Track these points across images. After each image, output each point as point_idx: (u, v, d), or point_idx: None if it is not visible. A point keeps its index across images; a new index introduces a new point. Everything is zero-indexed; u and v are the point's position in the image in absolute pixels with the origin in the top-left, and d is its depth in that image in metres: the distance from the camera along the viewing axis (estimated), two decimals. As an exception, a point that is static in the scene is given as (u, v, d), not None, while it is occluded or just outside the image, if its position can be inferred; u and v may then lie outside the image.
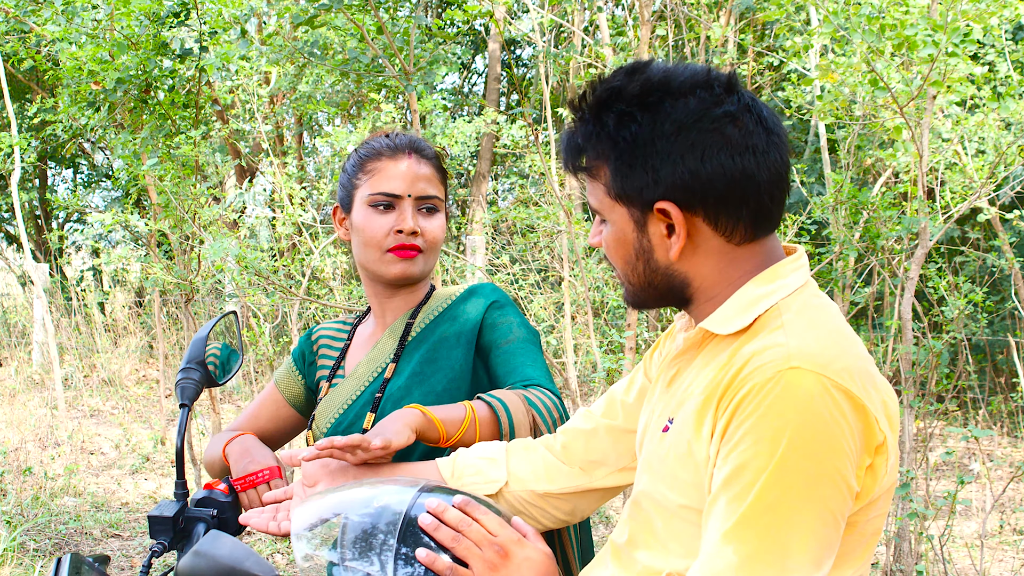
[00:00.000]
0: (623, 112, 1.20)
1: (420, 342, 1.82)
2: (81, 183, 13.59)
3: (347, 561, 1.29)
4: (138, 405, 7.98)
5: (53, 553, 4.69)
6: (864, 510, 1.15)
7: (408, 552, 1.28)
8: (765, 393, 1.09)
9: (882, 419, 1.12)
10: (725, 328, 1.21)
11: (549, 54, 4.85)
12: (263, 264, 5.00)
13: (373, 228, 1.75)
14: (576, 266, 5.57)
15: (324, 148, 8.78)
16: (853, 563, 1.17)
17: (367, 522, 1.32)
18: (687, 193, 1.18)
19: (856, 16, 3.38)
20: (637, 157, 1.19)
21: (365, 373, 1.82)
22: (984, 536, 3.81)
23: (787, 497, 1.06)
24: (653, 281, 1.25)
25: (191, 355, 1.48)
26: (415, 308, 1.86)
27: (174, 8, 5.86)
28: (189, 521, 1.45)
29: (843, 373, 1.10)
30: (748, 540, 1.07)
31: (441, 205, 1.81)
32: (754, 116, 1.20)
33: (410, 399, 1.73)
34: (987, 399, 6.83)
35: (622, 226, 1.24)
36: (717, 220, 1.20)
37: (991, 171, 4.26)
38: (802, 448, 1.07)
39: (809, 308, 1.20)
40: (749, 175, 1.18)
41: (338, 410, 1.80)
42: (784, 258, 1.26)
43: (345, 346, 1.92)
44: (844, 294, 4.95)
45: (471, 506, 1.32)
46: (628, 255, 1.25)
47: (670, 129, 1.17)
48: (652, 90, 1.20)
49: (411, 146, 1.79)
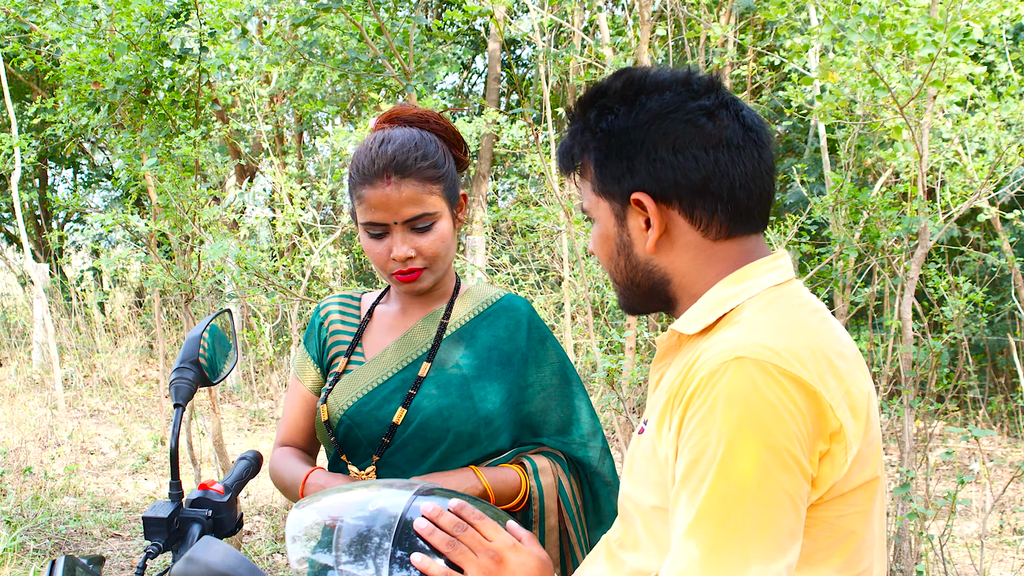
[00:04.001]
0: (604, 106, 1.24)
1: (458, 343, 1.81)
2: (81, 183, 13.60)
3: (342, 564, 1.29)
4: (138, 405, 7.98)
5: (53, 553, 4.69)
6: (831, 504, 1.14)
7: (403, 556, 1.28)
8: (711, 385, 1.10)
9: (840, 407, 1.11)
10: (691, 328, 1.22)
11: (549, 54, 4.85)
12: (263, 264, 4.99)
13: (373, 253, 1.74)
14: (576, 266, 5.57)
15: (324, 148, 8.78)
16: (828, 563, 1.15)
17: (362, 525, 1.31)
18: (661, 184, 1.20)
19: (856, 16, 3.37)
20: (613, 147, 1.22)
21: (393, 360, 1.80)
22: (984, 536, 3.80)
23: (740, 485, 1.07)
24: (635, 278, 1.27)
25: (185, 354, 1.47)
26: (448, 304, 1.85)
27: (174, 8, 5.86)
28: (184, 522, 1.44)
29: (791, 361, 1.10)
30: (708, 533, 1.07)
31: (437, 216, 1.73)
32: (731, 112, 1.22)
33: (455, 419, 1.73)
34: (987, 399, 6.83)
35: (605, 221, 1.27)
36: (692, 213, 1.21)
37: (991, 171, 4.26)
38: (750, 434, 1.07)
39: (774, 305, 1.20)
40: (723, 169, 1.20)
41: (361, 391, 1.79)
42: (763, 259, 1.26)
43: (364, 322, 1.88)
44: (844, 294, 4.94)
45: (466, 510, 1.32)
46: (611, 250, 1.28)
47: (644, 119, 1.20)
48: (631, 85, 1.23)
49: (391, 166, 1.69)
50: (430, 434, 1.74)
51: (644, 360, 5.67)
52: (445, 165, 1.76)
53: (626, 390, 4.35)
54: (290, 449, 1.88)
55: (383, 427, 1.76)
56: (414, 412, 1.74)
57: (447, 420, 1.73)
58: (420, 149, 1.73)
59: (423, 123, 1.81)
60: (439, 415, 1.74)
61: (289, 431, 1.91)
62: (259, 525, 5.18)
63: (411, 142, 1.73)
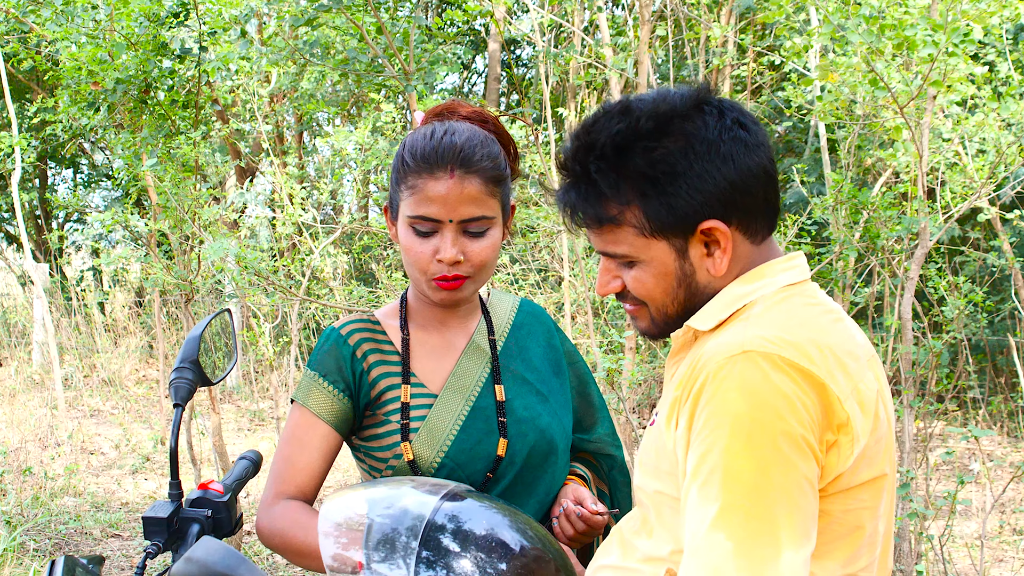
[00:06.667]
0: (647, 147, 1.20)
1: (512, 358, 1.72)
2: (81, 183, 13.59)
3: (373, 563, 1.30)
4: (138, 405, 7.97)
5: (53, 553, 4.69)
6: (837, 497, 1.15)
7: (430, 556, 1.29)
8: (719, 380, 1.11)
9: (848, 400, 1.13)
10: (706, 324, 1.24)
11: (549, 54, 4.85)
12: (263, 264, 4.99)
13: (415, 252, 1.56)
14: (576, 266, 5.56)
15: (324, 148, 8.78)
16: (833, 556, 1.16)
17: (390, 524, 1.33)
18: (727, 205, 1.20)
19: (856, 16, 3.37)
20: (678, 183, 1.19)
21: (464, 388, 1.64)
22: (984, 536, 3.80)
23: (762, 475, 1.07)
24: (691, 305, 1.27)
25: (185, 354, 1.47)
26: (485, 318, 1.74)
27: (174, 8, 5.85)
28: (183, 522, 1.43)
29: (798, 354, 1.12)
30: (737, 523, 1.07)
31: (492, 222, 1.57)
32: (735, 115, 1.24)
33: (556, 436, 1.68)
34: (987, 399, 6.82)
35: (662, 259, 1.24)
36: (748, 223, 1.23)
37: (991, 171, 4.26)
38: (763, 424, 1.08)
39: (785, 303, 1.21)
40: (764, 169, 1.23)
41: (452, 427, 1.61)
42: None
43: (405, 343, 1.67)
44: (844, 294, 4.94)
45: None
46: (669, 287, 1.25)
47: (701, 148, 1.19)
48: (661, 117, 1.21)
49: (456, 159, 1.52)
50: (533, 460, 1.63)
51: (644, 360, 5.67)
52: (506, 169, 1.60)
53: (626, 390, 4.35)
54: (301, 504, 1.58)
55: (488, 463, 1.61)
56: (517, 440, 1.62)
57: (550, 441, 1.66)
58: (486, 147, 1.57)
59: (482, 122, 1.64)
60: (542, 437, 1.65)
61: (303, 479, 1.60)
62: (259, 525, 5.17)
63: (477, 138, 1.56)
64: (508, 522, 1.40)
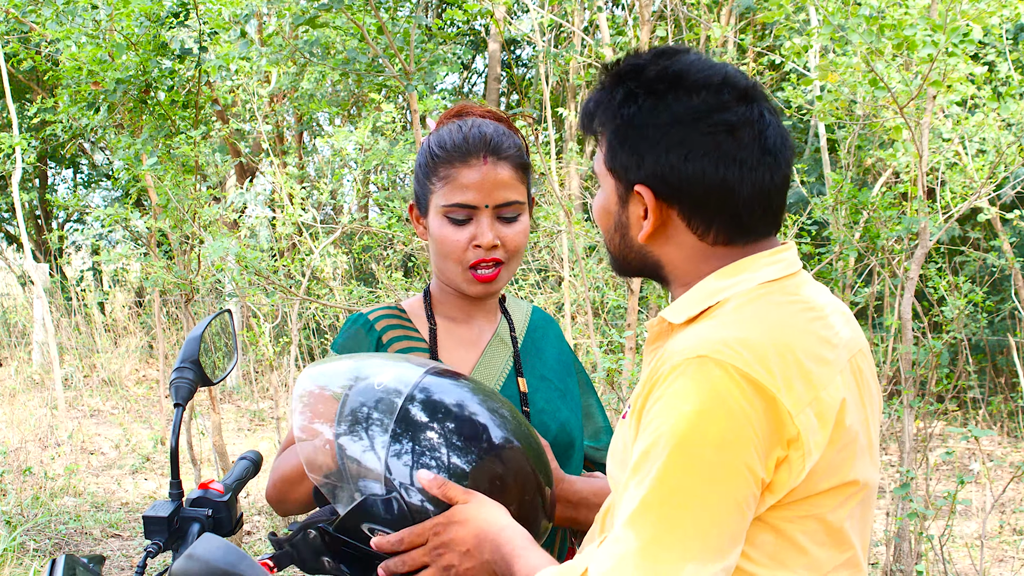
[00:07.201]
0: (631, 91, 1.22)
1: (530, 356, 1.74)
2: (81, 183, 13.59)
3: (340, 437, 1.30)
4: (138, 405, 7.98)
5: (53, 553, 4.69)
6: (798, 505, 1.13)
7: (396, 430, 1.29)
8: (671, 380, 1.11)
9: (801, 414, 1.10)
10: (678, 318, 1.23)
11: (549, 54, 4.85)
12: (263, 264, 4.99)
13: (451, 241, 1.60)
14: (576, 266, 5.56)
15: (324, 148, 8.77)
16: (798, 561, 1.14)
17: (365, 399, 1.32)
18: (665, 186, 1.20)
19: (856, 16, 3.37)
20: (628, 137, 1.22)
21: (491, 377, 1.68)
22: (984, 536, 3.80)
23: (687, 483, 1.07)
24: (627, 256, 1.29)
25: (185, 354, 1.47)
26: (506, 316, 1.76)
27: (174, 8, 5.86)
28: (184, 521, 1.44)
29: (754, 363, 1.09)
30: (648, 525, 1.07)
31: (523, 208, 1.63)
32: (754, 131, 1.20)
33: (575, 430, 1.69)
34: (987, 399, 6.83)
35: (608, 195, 1.28)
36: (690, 219, 1.22)
37: (991, 171, 4.26)
38: (702, 434, 1.07)
39: (758, 302, 1.19)
40: (729, 187, 1.19)
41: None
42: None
43: (432, 331, 1.70)
44: (844, 294, 4.94)
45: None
46: (609, 225, 1.29)
47: (665, 119, 1.19)
48: (664, 79, 1.21)
49: (487, 146, 1.59)
50: (554, 451, 1.63)
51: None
52: (528, 159, 1.68)
53: (626, 390, 4.35)
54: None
55: None
56: (539, 430, 1.60)
57: (570, 434, 1.68)
58: (511, 137, 1.64)
59: (498, 120, 1.70)
60: (563, 430, 1.67)
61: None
62: (259, 525, 5.17)
63: (500, 129, 1.64)
64: (487, 406, 1.37)
